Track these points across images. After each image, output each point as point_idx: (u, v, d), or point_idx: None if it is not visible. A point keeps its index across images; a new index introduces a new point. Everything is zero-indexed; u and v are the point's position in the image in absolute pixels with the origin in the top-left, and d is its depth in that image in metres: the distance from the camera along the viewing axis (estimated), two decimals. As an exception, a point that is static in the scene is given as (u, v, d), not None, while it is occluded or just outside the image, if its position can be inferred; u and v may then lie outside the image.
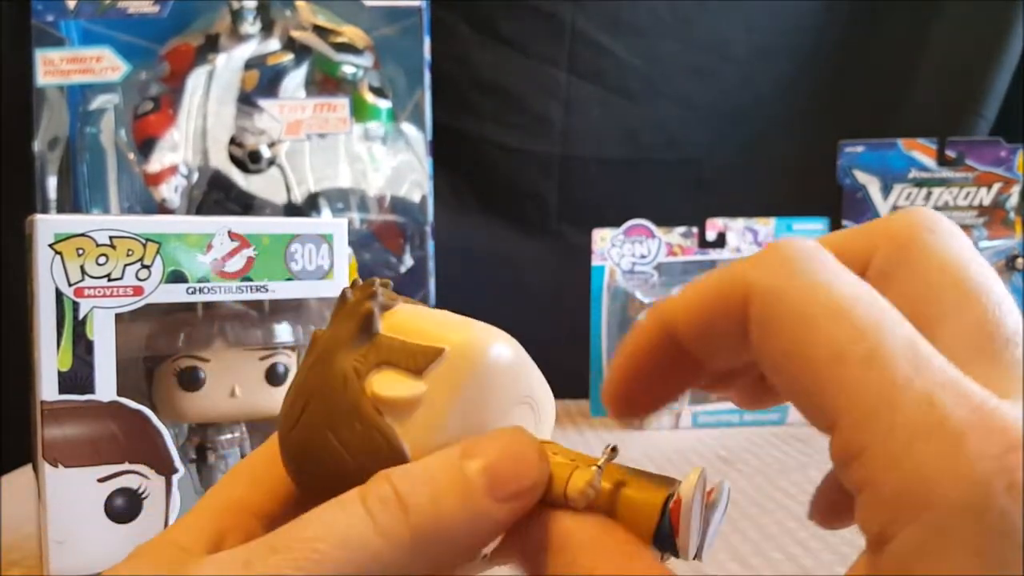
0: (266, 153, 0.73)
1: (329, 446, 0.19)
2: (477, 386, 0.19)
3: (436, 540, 0.17)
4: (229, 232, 0.38)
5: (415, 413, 0.19)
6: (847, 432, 0.15)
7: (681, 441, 0.70)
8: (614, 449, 0.19)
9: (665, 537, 0.18)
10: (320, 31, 0.75)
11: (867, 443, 0.14)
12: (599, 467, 0.18)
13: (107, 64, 0.72)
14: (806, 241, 0.17)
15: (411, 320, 0.20)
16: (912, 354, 0.15)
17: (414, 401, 0.19)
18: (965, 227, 0.76)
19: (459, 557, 0.18)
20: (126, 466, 0.37)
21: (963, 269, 0.17)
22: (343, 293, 0.20)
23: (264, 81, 0.74)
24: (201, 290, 0.37)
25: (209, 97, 0.74)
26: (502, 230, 0.92)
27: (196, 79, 0.74)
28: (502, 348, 0.20)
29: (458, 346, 0.19)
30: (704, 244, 0.78)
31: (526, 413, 0.20)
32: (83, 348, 0.35)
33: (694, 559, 0.19)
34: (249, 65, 0.74)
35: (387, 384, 0.19)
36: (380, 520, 0.17)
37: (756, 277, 0.16)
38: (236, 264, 0.38)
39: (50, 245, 0.35)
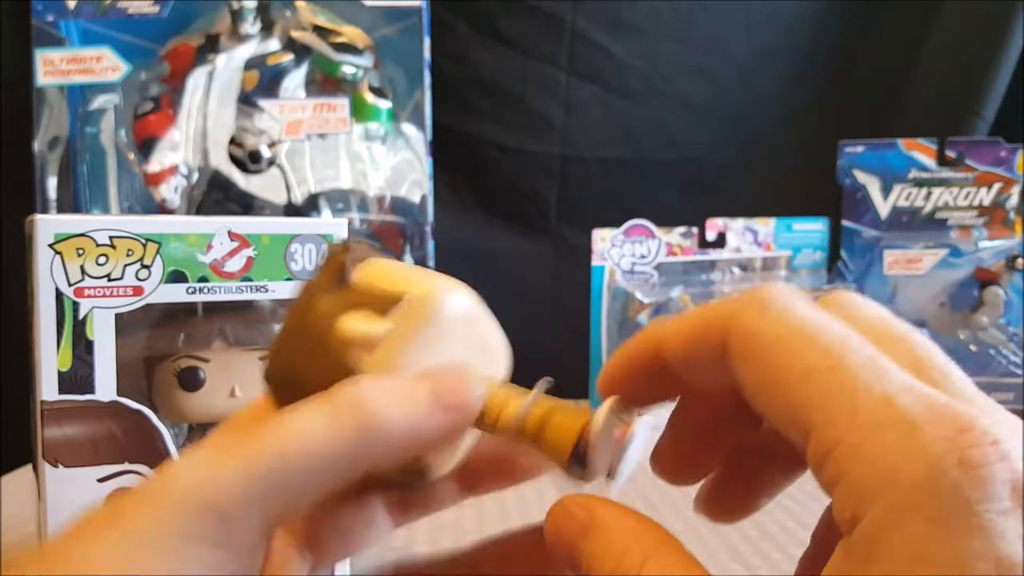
0: (266, 153, 0.73)
1: (302, 377, 0.21)
2: (434, 329, 0.21)
3: (384, 432, 0.19)
4: (229, 232, 0.38)
5: (377, 350, 0.21)
6: (817, 436, 0.17)
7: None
8: (549, 381, 0.22)
9: (579, 457, 0.20)
10: (320, 31, 0.75)
11: (834, 442, 0.16)
12: (531, 400, 0.21)
13: (107, 64, 0.72)
14: (783, 286, 0.19)
15: (382, 271, 0.22)
16: (873, 365, 0.17)
17: (376, 338, 0.21)
18: (965, 227, 0.76)
19: (404, 452, 0.20)
20: (126, 466, 0.37)
21: (887, 321, 0.19)
22: (327, 248, 0.22)
23: (264, 81, 0.74)
24: (201, 290, 0.37)
25: (209, 97, 0.74)
26: (502, 230, 0.91)
27: (196, 79, 0.74)
28: (459, 298, 0.22)
29: (419, 294, 0.21)
30: (704, 244, 0.78)
31: (478, 358, 0.22)
32: (83, 348, 0.35)
33: (608, 479, 0.21)
34: (249, 65, 0.74)
35: (353, 323, 0.21)
36: (339, 414, 0.19)
37: (736, 312, 0.19)
38: (236, 264, 0.38)
39: (50, 245, 0.35)
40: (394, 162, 0.76)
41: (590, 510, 0.20)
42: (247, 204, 0.74)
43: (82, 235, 0.35)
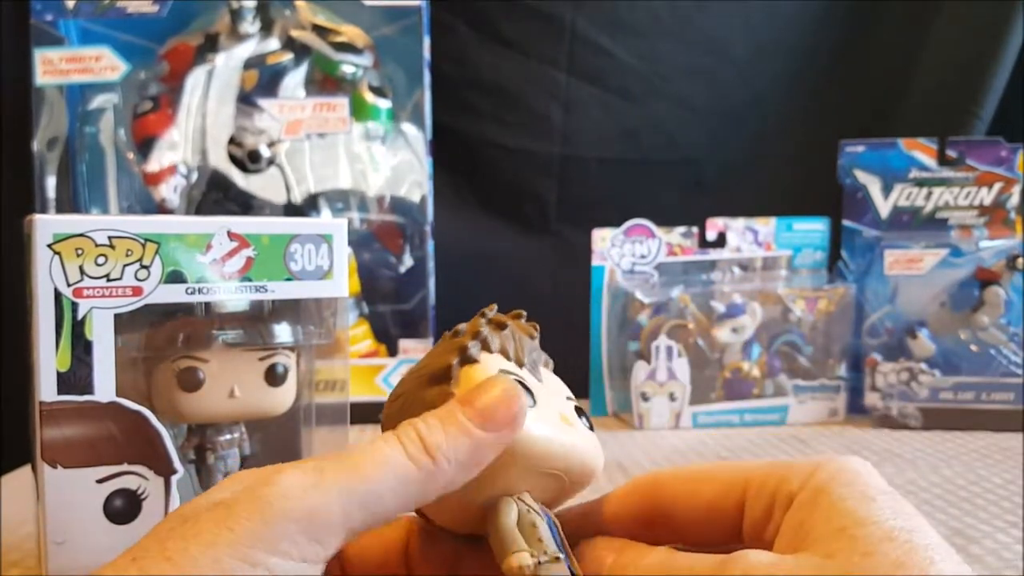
0: (265, 153, 0.73)
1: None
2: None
3: (446, 461, 0.23)
4: (228, 232, 0.38)
5: None
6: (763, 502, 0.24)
7: (681, 441, 0.69)
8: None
9: None
10: (320, 30, 0.75)
11: (780, 484, 0.24)
12: (538, 562, 0.23)
13: (106, 64, 0.72)
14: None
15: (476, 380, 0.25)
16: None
17: None
18: (965, 227, 0.76)
19: (463, 475, 0.23)
20: (125, 467, 0.37)
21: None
22: (455, 330, 0.27)
23: (263, 80, 0.74)
24: (200, 290, 0.37)
25: (208, 97, 0.74)
26: (502, 230, 0.91)
27: (195, 78, 0.74)
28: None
29: None
30: (704, 244, 0.78)
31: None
32: (82, 349, 0.35)
33: None
34: (248, 64, 0.74)
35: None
36: (409, 449, 0.23)
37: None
38: (235, 264, 0.38)
39: (49, 245, 0.35)
40: (394, 162, 0.76)
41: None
42: (246, 204, 0.74)
43: (81, 235, 0.35)
